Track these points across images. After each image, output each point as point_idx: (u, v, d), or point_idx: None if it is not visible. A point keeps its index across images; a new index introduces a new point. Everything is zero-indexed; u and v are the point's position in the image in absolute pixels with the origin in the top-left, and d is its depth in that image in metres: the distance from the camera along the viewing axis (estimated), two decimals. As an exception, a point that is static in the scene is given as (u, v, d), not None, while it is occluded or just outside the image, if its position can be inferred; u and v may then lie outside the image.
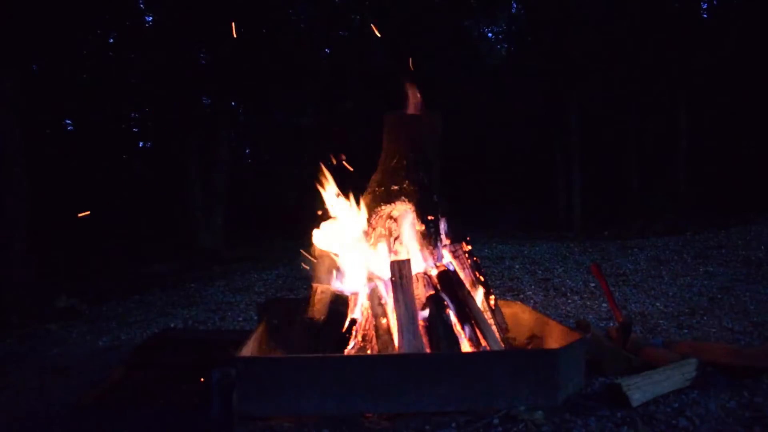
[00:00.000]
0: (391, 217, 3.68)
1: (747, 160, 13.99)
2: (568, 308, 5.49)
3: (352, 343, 3.27)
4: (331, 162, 3.82)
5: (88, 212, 6.28)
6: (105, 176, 12.96)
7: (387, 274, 3.34)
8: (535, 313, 3.97)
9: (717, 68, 14.24)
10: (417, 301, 3.30)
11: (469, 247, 3.88)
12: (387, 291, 3.36)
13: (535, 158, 17.68)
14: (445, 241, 3.80)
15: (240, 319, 5.65)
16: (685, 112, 14.34)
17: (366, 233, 3.63)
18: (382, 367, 2.86)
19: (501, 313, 3.75)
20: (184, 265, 9.79)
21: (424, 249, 3.65)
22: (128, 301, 6.93)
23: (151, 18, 13.13)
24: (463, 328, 3.37)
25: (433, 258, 3.66)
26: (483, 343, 3.31)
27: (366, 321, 3.36)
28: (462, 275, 3.64)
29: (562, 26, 14.09)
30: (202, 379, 3.02)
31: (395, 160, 3.73)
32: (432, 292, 3.45)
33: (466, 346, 3.31)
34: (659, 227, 11.46)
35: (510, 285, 6.66)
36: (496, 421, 2.67)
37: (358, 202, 3.73)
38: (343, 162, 3.92)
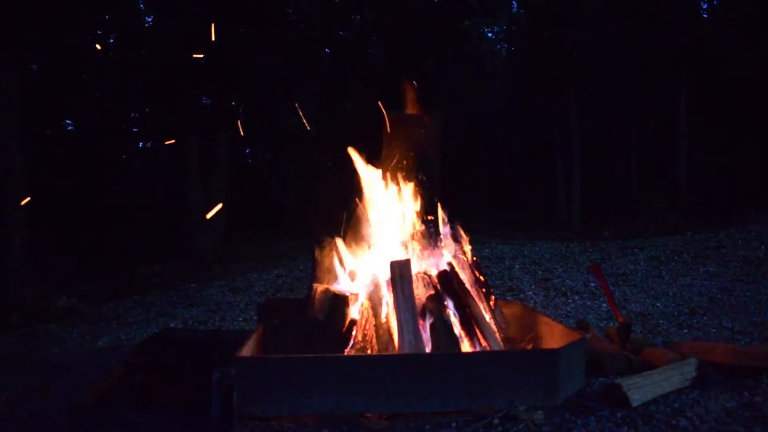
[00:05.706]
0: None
1: (747, 160, 14.00)
2: (568, 308, 5.49)
3: (352, 343, 3.27)
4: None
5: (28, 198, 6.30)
6: (105, 176, 12.97)
7: (387, 274, 3.34)
8: (535, 313, 3.97)
9: (717, 68, 14.24)
10: (417, 301, 3.30)
11: (469, 247, 3.89)
12: (387, 291, 3.36)
13: (535, 158, 17.68)
14: (445, 241, 3.80)
15: (240, 319, 5.65)
16: (684, 113, 14.34)
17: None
18: (382, 367, 2.86)
19: (501, 313, 3.75)
20: (184, 265, 9.79)
21: (424, 249, 3.65)
22: (128, 301, 6.94)
23: (151, 18, 13.13)
24: (462, 328, 3.37)
25: (433, 258, 3.66)
26: (483, 343, 3.31)
27: (366, 321, 3.36)
28: (462, 275, 3.64)
29: (562, 26, 14.09)
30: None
31: (395, 160, 3.73)
32: (432, 292, 3.44)
33: (466, 346, 3.31)
34: (659, 227, 11.47)
35: (510, 285, 6.66)
36: (496, 421, 2.67)
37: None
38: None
